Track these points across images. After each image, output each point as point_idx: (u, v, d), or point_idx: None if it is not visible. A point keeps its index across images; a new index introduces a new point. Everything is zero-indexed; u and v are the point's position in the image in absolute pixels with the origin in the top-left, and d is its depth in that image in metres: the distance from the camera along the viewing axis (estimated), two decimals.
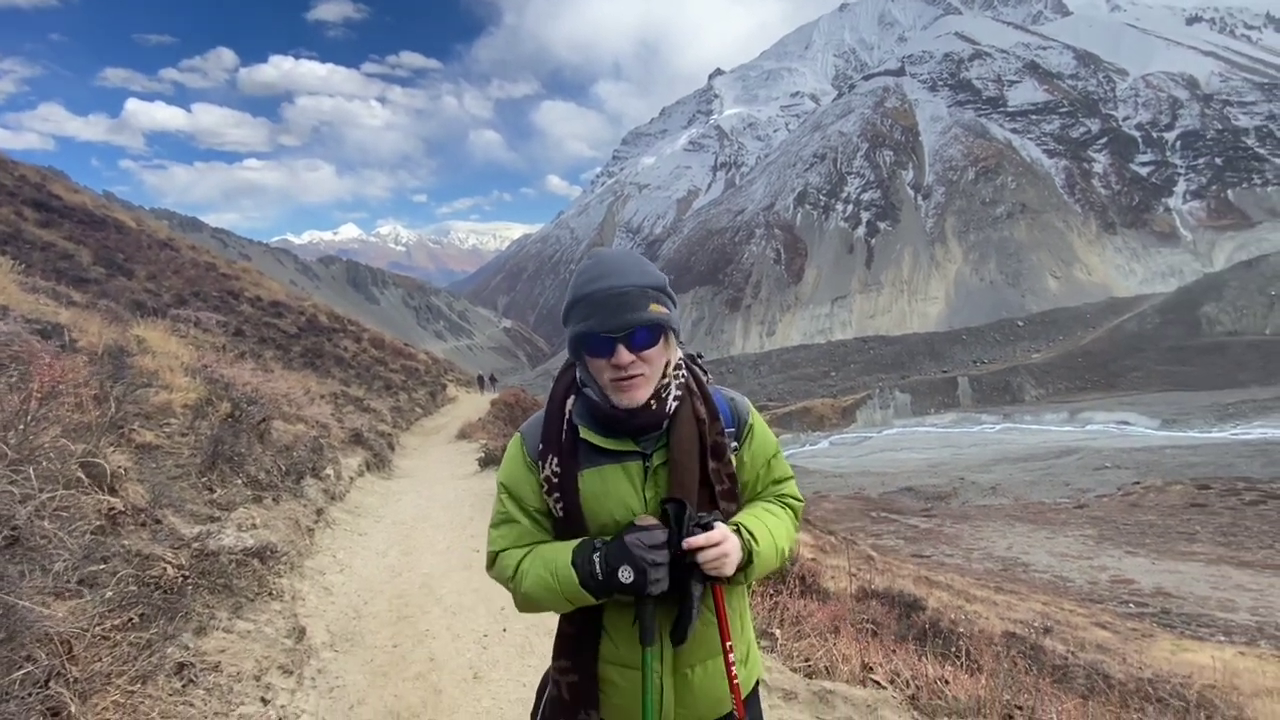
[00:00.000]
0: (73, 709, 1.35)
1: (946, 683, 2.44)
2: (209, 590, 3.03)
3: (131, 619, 2.12)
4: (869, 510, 41.44)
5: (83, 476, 2.56)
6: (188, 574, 2.78)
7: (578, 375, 1.31)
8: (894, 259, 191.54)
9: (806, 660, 3.02)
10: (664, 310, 1.23)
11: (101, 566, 2.23)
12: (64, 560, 1.65)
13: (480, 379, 31.72)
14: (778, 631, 3.20)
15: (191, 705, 2.26)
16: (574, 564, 1.19)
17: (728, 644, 1.27)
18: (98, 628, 1.88)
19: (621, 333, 1.19)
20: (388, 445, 10.68)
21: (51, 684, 1.38)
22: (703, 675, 1.30)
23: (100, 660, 1.76)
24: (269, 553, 3.51)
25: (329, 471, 6.46)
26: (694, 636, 1.27)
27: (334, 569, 4.64)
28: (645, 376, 1.22)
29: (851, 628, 3.70)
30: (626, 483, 1.26)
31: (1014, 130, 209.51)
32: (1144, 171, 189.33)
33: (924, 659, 2.86)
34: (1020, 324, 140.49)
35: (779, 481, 1.41)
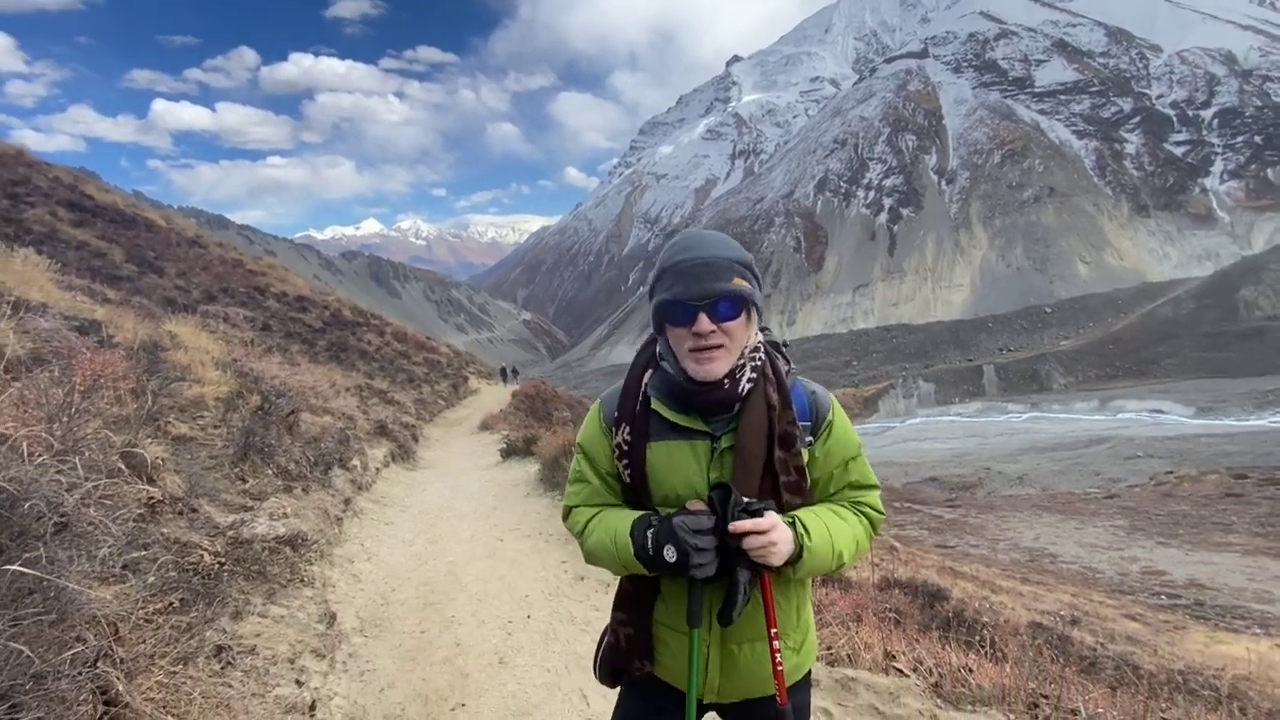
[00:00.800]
0: (120, 688, 1.42)
1: (970, 671, 2.42)
2: (244, 577, 3.13)
3: (172, 603, 2.20)
4: (892, 501, 41.05)
5: (123, 467, 2.65)
6: (224, 561, 2.87)
7: (657, 349, 1.33)
8: (917, 246, 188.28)
9: (829, 649, 3.02)
10: (747, 285, 1.24)
11: (143, 553, 2.32)
12: (109, 546, 1.72)
13: (502, 371, 32.07)
14: None
15: (230, 686, 2.35)
16: (631, 535, 1.23)
17: (773, 630, 1.28)
18: (140, 611, 1.95)
19: (705, 301, 1.21)
20: (412, 437, 10.85)
21: (100, 664, 1.44)
22: (749, 654, 1.32)
23: (144, 642, 1.83)
24: (300, 541, 3.61)
25: (355, 462, 6.59)
26: (743, 619, 1.28)
27: (362, 557, 4.75)
28: (725, 349, 1.23)
29: (874, 616, 3.69)
30: (693, 461, 1.27)
31: (1042, 111, 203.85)
32: (1179, 151, 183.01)
33: (947, 647, 2.85)
34: (1048, 311, 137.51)
35: (859, 488, 1.37)
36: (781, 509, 1.27)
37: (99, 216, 16.28)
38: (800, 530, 1.24)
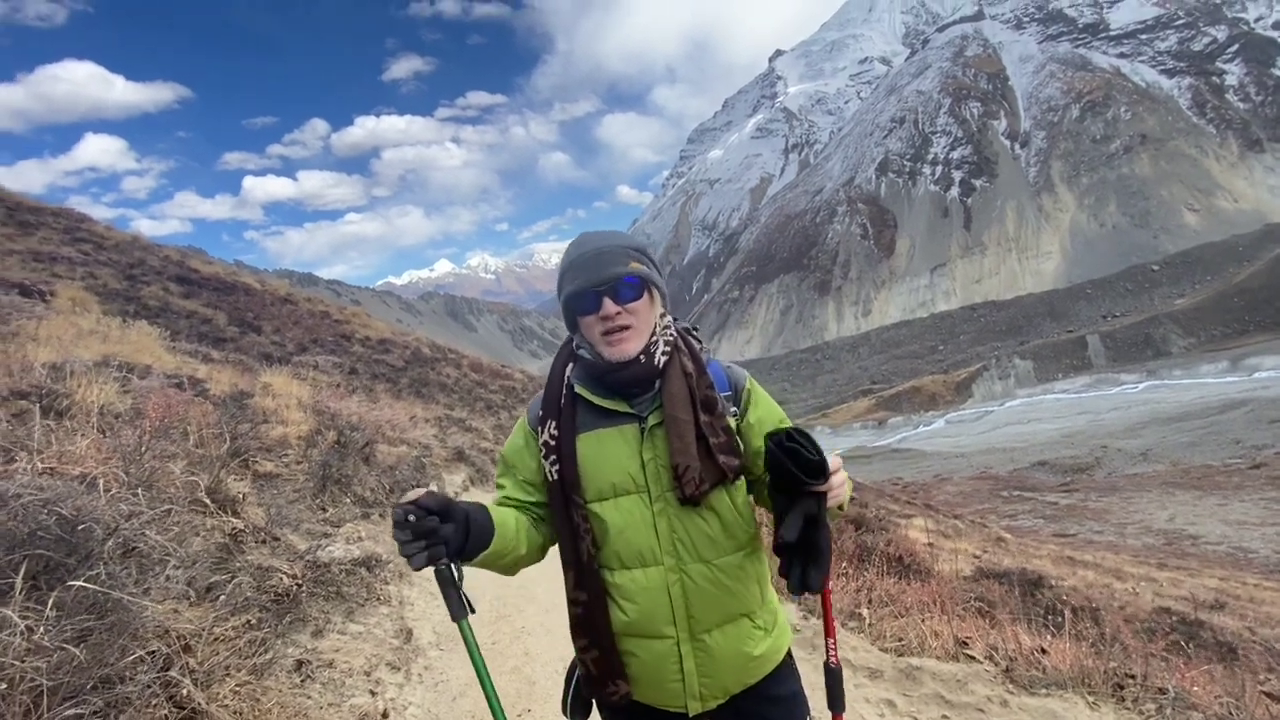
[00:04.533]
0: (188, 692, 1.56)
1: (1044, 652, 2.22)
2: (324, 598, 3.35)
3: (250, 621, 2.39)
4: (999, 490, 38.41)
5: (207, 501, 2.92)
6: (301, 583, 3.08)
7: (574, 345, 1.37)
8: (996, 217, 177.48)
9: (899, 640, 2.88)
10: (643, 268, 1.29)
11: (224, 577, 2.53)
12: (174, 567, 1.90)
13: None
14: (865, 611, 3.06)
15: (308, 697, 2.52)
16: None
17: (830, 640, 1.35)
18: (217, 628, 2.13)
19: (605, 285, 1.26)
20: (490, 461, 11.25)
21: (171, 672, 1.59)
22: (722, 640, 1.28)
23: (219, 654, 2.00)
24: (375, 562, 3.82)
25: (433, 488, 6.91)
26: (708, 601, 1.26)
27: None
28: (634, 329, 1.28)
29: (955, 605, 3.48)
30: (624, 446, 1.28)
31: (1121, 55, 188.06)
32: None
33: (1018, 629, 2.63)
34: (1155, 269, 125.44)
35: None
36: (720, 471, 1.26)
37: (204, 287, 18.07)
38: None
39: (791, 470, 1.12)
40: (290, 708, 2.36)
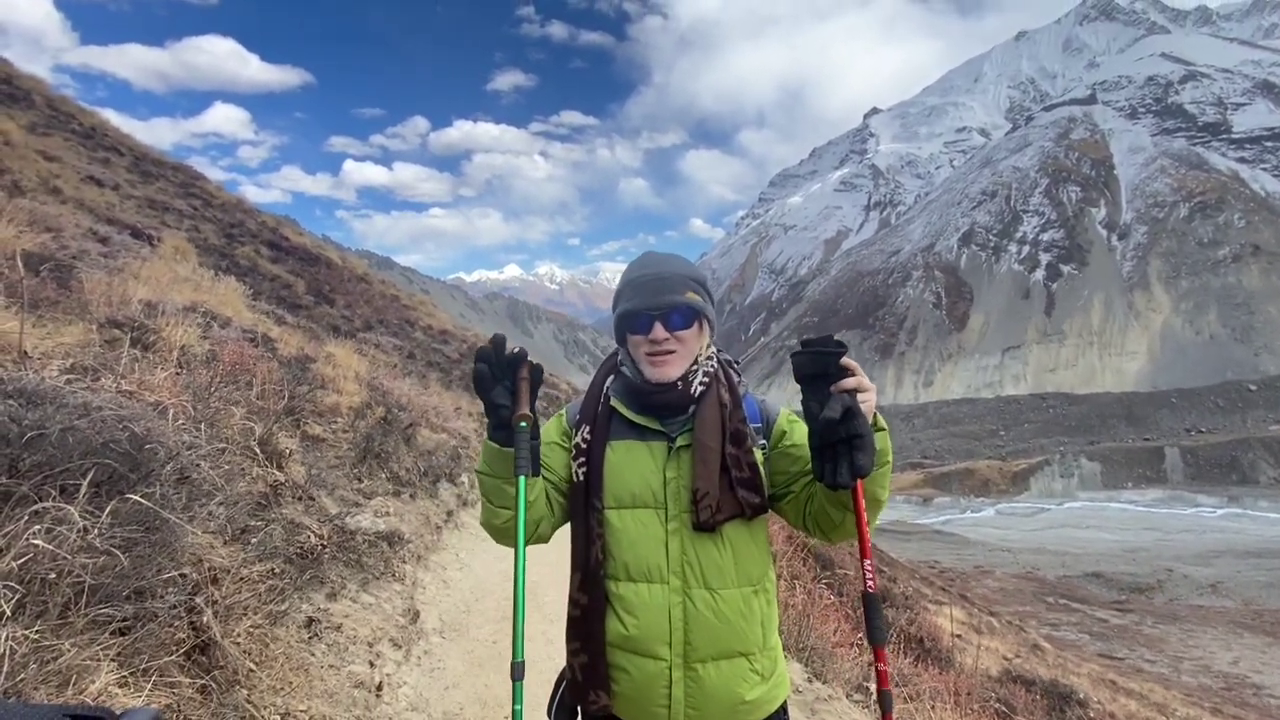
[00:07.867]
0: (207, 619, 1.65)
1: None
2: (344, 563, 3.47)
3: (273, 570, 2.51)
4: (1044, 594, 36.00)
5: (257, 450, 3.09)
6: (326, 545, 3.21)
7: (618, 359, 1.43)
8: (1081, 306, 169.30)
9: None
10: (699, 298, 1.34)
11: (259, 523, 2.67)
12: (218, 504, 2.02)
13: None
14: (872, 686, 2.94)
15: (312, 654, 2.61)
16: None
17: (868, 562, 1.20)
18: (244, 570, 2.24)
19: (659, 311, 1.31)
20: None
21: (197, 598, 1.69)
22: (715, 675, 1.25)
23: (241, 594, 2.11)
24: (397, 539, 3.93)
25: (464, 479, 7.05)
26: (707, 630, 1.25)
27: (455, 566, 5.04)
28: (678, 355, 1.32)
29: (971, 700, 3.28)
30: (649, 460, 1.31)
31: (1241, 160, 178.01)
32: None
33: None
34: (1252, 388, 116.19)
35: None
36: (738, 505, 1.26)
37: (291, 255, 19.23)
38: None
39: (813, 352, 1.17)
40: (294, 660, 2.45)
